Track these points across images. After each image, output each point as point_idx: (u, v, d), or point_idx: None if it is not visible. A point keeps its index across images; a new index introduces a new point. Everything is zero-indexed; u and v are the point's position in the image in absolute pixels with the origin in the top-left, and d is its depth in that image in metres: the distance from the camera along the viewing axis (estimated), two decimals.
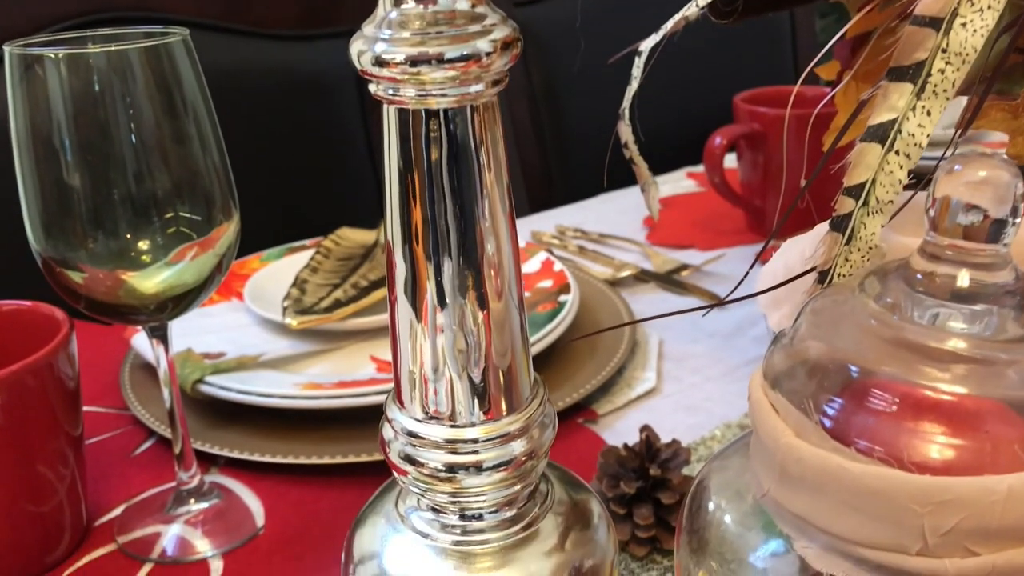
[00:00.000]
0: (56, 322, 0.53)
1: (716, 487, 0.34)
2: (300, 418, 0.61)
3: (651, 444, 0.52)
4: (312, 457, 0.58)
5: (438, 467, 0.31)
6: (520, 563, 0.32)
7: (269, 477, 0.58)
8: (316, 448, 0.58)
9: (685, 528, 0.34)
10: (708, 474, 0.35)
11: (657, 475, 0.50)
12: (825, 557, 0.26)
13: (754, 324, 0.76)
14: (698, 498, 0.34)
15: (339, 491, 0.57)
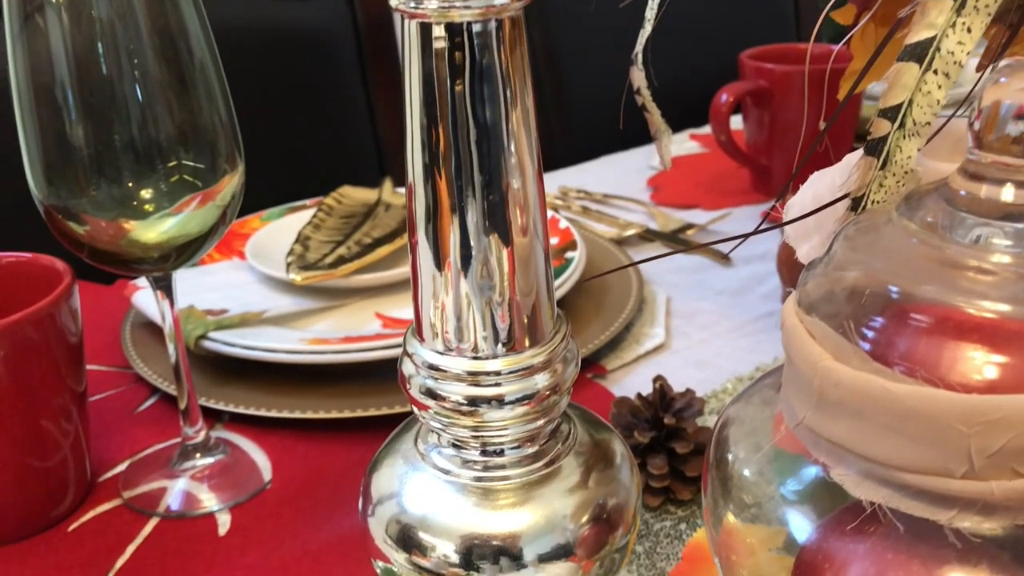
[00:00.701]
0: (57, 273, 0.52)
1: (735, 438, 0.33)
2: (305, 374, 0.60)
3: (665, 394, 0.51)
4: (319, 412, 0.57)
5: (460, 400, 0.30)
6: (542, 500, 0.31)
7: (275, 432, 0.58)
8: (323, 403, 0.58)
9: (710, 476, 0.34)
10: (727, 423, 0.34)
11: (672, 424, 0.49)
12: (864, 484, 0.26)
13: (762, 282, 0.75)
14: (720, 448, 0.34)
15: (346, 446, 0.56)
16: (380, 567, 0.33)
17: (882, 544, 0.26)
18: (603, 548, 0.32)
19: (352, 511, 0.51)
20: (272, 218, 0.79)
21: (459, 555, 0.31)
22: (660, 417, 0.49)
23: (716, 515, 0.33)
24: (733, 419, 0.34)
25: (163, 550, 0.49)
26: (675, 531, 0.48)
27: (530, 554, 0.31)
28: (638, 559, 0.46)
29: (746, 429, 0.34)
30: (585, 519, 0.31)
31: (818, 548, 0.27)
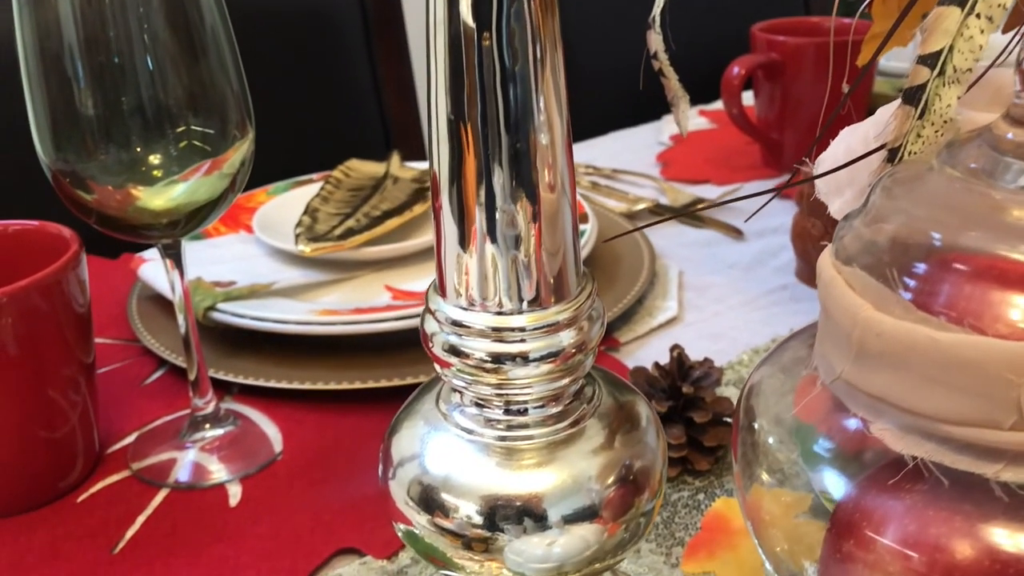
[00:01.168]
0: (64, 241, 0.51)
1: (761, 404, 0.33)
2: (315, 346, 0.60)
3: (683, 362, 0.50)
4: (330, 383, 0.56)
5: (483, 358, 0.29)
6: (566, 461, 0.30)
7: (286, 404, 0.57)
8: (333, 374, 0.57)
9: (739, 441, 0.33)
10: (754, 388, 0.33)
11: (690, 393, 0.48)
12: (905, 438, 0.25)
13: (775, 256, 0.74)
14: (748, 414, 0.33)
15: (358, 417, 0.56)
16: (402, 530, 0.32)
17: (923, 500, 0.25)
18: (629, 511, 0.31)
19: (365, 481, 0.50)
20: (279, 192, 0.78)
21: (482, 516, 0.30)
22: (678, 386, 0.49)
23: (746, 479, 0.32)
24: (759, 383, 0.34)
25: (173, 521, 0.48)
26: (693, 501, 0.47)
27: (555, 515, 0.30)
28: (656, 529, 0.46)
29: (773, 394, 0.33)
30: (611, 480, 0.31)
31: (855, 506, 0.27)
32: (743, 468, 0.32)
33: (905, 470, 0.25)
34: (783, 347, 0.35)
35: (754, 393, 0.32)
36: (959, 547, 0.24)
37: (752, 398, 0.32)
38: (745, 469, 0.32)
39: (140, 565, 0.45)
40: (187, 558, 0.45)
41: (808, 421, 0.31)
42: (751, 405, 0.32)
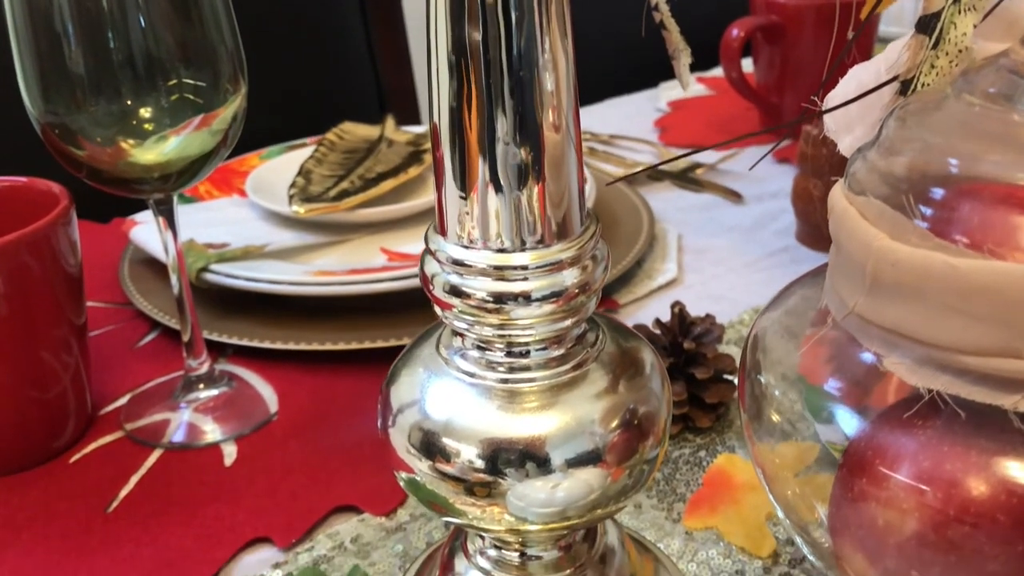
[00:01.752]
0: (54, 197, 0.50)
1: (767, 351, 0.32)
2: (310, 307, 0.59)
3: (684, 318, 0.49)
4: (325, 343, 0.55)
5: (485, 297, 0.28)
6: (569, 404, 0.30)
7: (280, 365, 0.56)
8: (328, 335, 0.56)
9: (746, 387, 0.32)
10: (759, 336, 0.33)
11: (691, 349, 0.48)
12: (920, 371, 0.24)
13: (775, 219, 0.73)
14: (752, 361, 0.32)
15: (353, 378, 0.55)
16: (403, 478, 0.31)
17: (937, 436, 0.25)
18: (633, 456, 0.30)
19: (362, 441, 0.49)
20: (272, 156, 0.77)
21: (484, 460, 0.29)
22: (679, 342, 0.48)
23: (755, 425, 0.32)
24: (765, 328, 0.33)
25: (168, 480, 0.47)
26: (695, 458, 0.47)
27: (557, 458, 0.29)
28: (657, 485, 0.45)
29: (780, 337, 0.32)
30: (615, 424, 0.30)
31: (868, 444, 0.26)
32: (752, 415, 0.31)
33: (919, 405, 0.24)
34: (787, 293, 0.34)
35: (760, 338, 0.31)
36: (975, 482, 0.24)
37: (758, 343, 0.32)
38: (753, 417, 0.32)
39: (135, 523, 0.44)
40: (182, 517, 0.45)
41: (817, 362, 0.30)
42: (757, 351, 0.32)
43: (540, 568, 0.33)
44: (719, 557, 0.41)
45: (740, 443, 0.47)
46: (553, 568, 0.33)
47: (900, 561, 0.24)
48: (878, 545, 0.25)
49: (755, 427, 0.30)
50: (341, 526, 0.43)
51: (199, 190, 0.73)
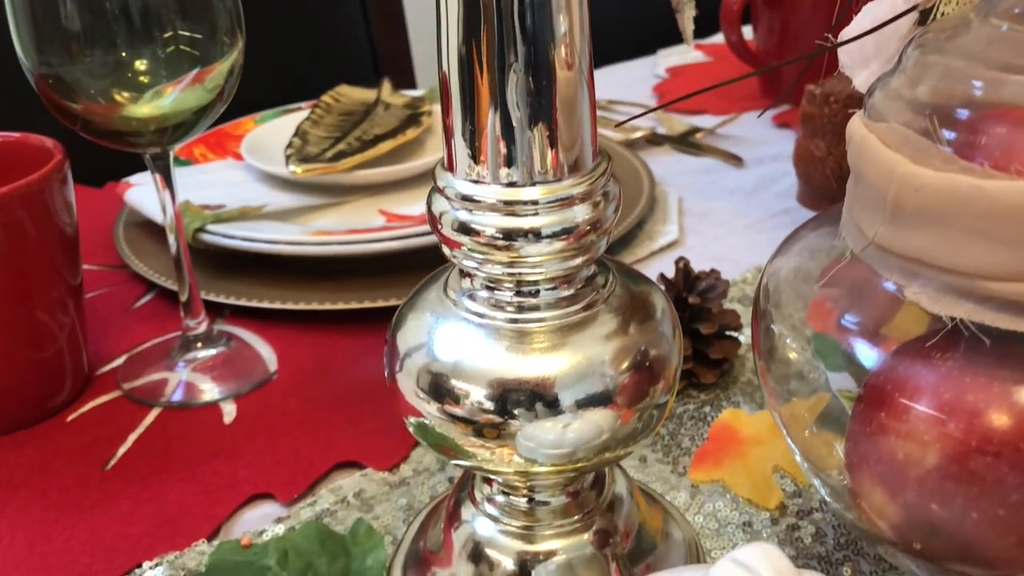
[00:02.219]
0: (47, 152, 0.49)
1: (778, 308, 0.31)
2: (308, 269, 0.58)
3: (689, 273, 0.49)
4: (325, 303, 0.55)
5: (494, 234, 0.28)
6: (578, 345, 0.29)
7: (279, 325, 0.55)
8: (328, 295, 0.55)
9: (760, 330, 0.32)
10: (770, 279, 0.32)
11: (696, 304, 0.47)
12: (942, 300, 0.24)
13: (776, 182, 0.73)
14: (764, 306, 0.32)
15: (353, 337, 0.54)
16: (412, 423, 0.31)
17: (958, 367, 0.24)
18: (643, 399, 0.30)
19: (364, 398, 0.49)
20: (266, 119, 0.76)
21: (493, 401, 0.29)
22: (684, 297, 0.47)
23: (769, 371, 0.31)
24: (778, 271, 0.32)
25: (167, 438, 0.47)
26: (699, 414, 0.46)
27: (567, 399, 0.29)
28: (661, 440, 0.45)
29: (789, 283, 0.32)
30: (625, 366, 0.29)
31: (887, 377, 0.25)
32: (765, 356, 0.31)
33: (940, 335, 0.24)
34: (795, 237, 0.33)
35: (772, 279, 0.31)
36: (997, 412, 0.23)
37: (770, 286, 0.31)
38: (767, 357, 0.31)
39: (133, 480, 0.44)
40: (182, 474, 0.44)
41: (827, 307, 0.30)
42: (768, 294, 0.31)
43: (548, 514, 0.33)
44: (726, 509, 0.40)
45: (745, 399, 0.47)
46: (561, 514, 0.33)
47: (920, 494, 0.24)
48: (898, 479, 0.24)
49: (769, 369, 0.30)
50: (344, 481, 0.43)
51: (193, 153, 0.72)
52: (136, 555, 0.39)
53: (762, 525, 0.39)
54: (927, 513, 0.24)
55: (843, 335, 0.27)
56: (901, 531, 0.25)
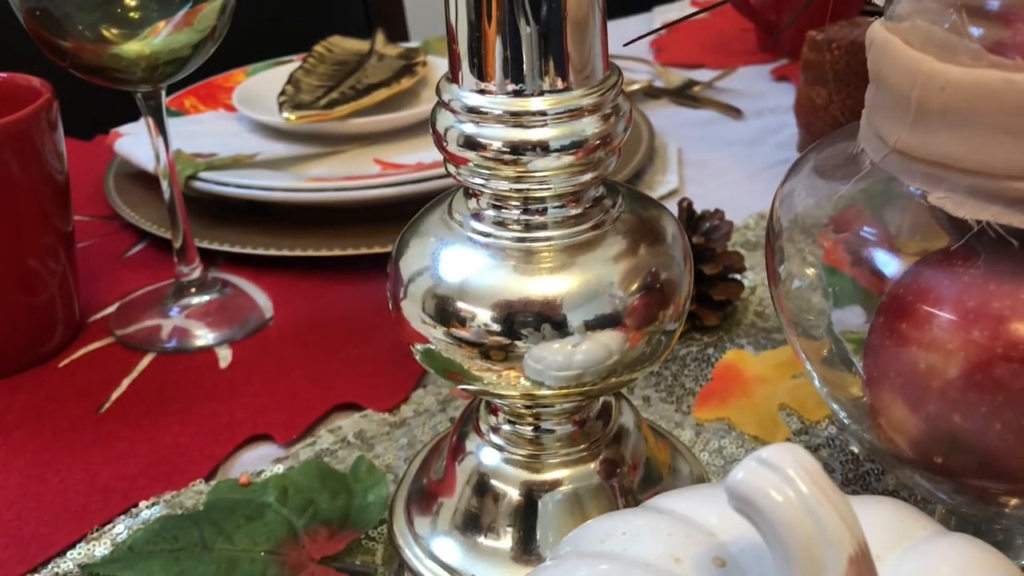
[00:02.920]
0: (35, 91, 0.48)
1: (791, 242, 0.31)
2: (302, 216, 0.57)
3: (692, 213, 0.48)
4: (321, 250, 0.54)
5: (501, 148, 0.27)
6: (586, 265, 0.28)
7: (274, 273, 0.54)
8: (324, 242, 0.54)
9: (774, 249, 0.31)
10: (783, 201, 0.31)
11: (700, 243, 0.46)
12: (968, 203, 0.23)
13: (775, 133, 0.72)
14: (778, 228, 0.31)
15: (349, 284, 0.53)
16: (418, 351, 0.30)
17: (982, 275, 0.23)
18: (652, 323, 0.29)
19: (362, 342, 0.48)
20: (257, 71, 0.75)
21: (500, 322, 0.28)
22: (688, 238, 0.46)
23: (785, 298, 0.30)
24: (788, 195, 0.31)
25: (161, 382, 0.46)
26: (702, 355, 0.46)
27: (575, 320, 0.28)
28: (664, 381, 0.44)
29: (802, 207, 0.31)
30: (635, 287, 0.29)
31: (908, 287, 0.25)
32: (780, 285, 0.30)
33: (962, 242, 0.23)
34: (804, 159, 0.32)
35: (785, 200, 0.30)
36: (1023, 319, 0.23)
37: (782, 207, 0.30)
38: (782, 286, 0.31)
39: (128, 423, 0.43)
40: (177, 416, 0.43)
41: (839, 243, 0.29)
42: (780, 215, 0.30)
43: (554, 442, 0.32)
44: (731, 446, 0.40)
45: (749, 340, 0.46)
46: (567, 443, 0.32)
47: (942, 406, 0.23)
48: (920, 390, 0.24)
49: (785, 295, 0.29)
50: (343, 422, 0.42)
51: (184, 104, 0.70)
52: (132, 495, 0.39)
53: None
54: (949, 425, 0.23)
55: (861, 246, 0.27)
56: (921, 446, 0.25)
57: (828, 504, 0.18)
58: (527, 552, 0.31)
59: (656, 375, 0.44)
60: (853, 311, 0.30)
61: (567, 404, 0.31)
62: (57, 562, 0.36)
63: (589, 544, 0.23)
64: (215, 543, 0.35)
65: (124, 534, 0.37)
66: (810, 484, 0.18)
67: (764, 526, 0.19)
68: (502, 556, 0.32)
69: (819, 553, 0.18)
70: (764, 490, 0.18)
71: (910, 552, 0.22)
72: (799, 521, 0.18)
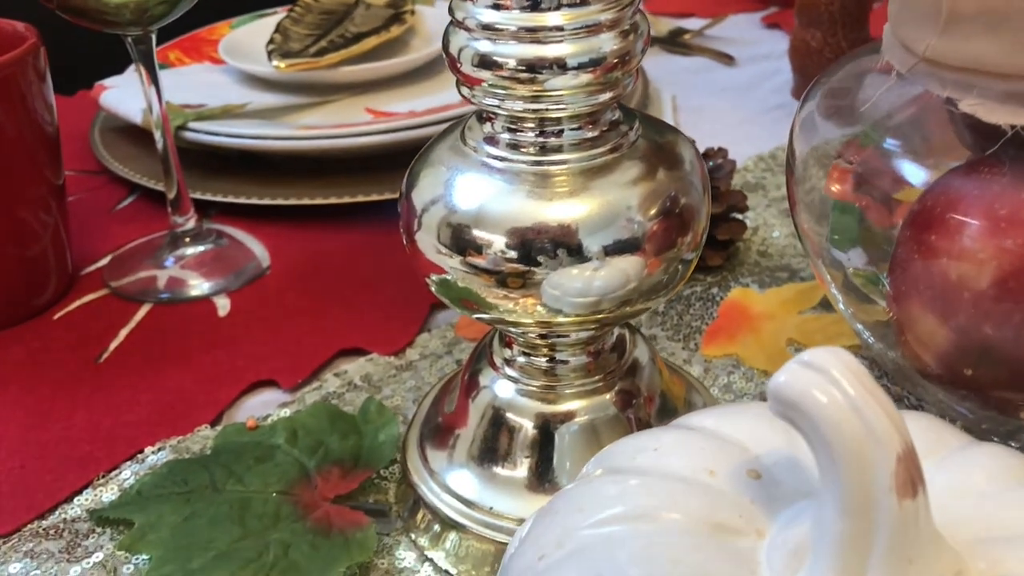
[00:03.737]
0: (20, 37, 0.47)
1: (812, 164, 0.30)
2: (294, 165, 0.56)
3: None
4: (316, 198, 0.53)
5: (517, 65, 0.26)
6: (603, 190, 0.28)
7: (269, 223, 0.54)
8: (319, 191, 0.54)
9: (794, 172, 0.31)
10: (798, 142, 0.31)
11: None
12: (1001, 109, 0.22)
13: (769, 79, 0.71)
14: (798, 168, 0.30)
15: (346, 232, 0.53)
16: (434, 282, 0.30)
17: (1012, 183, 0.23)
18: (671, 249, 0.29)
19: (363, 288, 0.47)
20: (242, 23, 0.73)
21: (516, 249, 0.27)
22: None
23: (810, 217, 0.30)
24: (808, 117, 0.31)
25: (160, 332, 0.45)
26: (707, 295, 0.45)
27: (594, 245, 0.27)
28: (670, 320, 0.44)
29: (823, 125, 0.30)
30: (654, 212, 0.28)
31: (936, 199, 0.24)
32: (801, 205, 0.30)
33: (995, 148, 0.23)
34: (818, 83, 0.32)
35: (805, 123, 0.30)
36: None
37: (802, 130, 0.30)
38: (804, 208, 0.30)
39: (129, 372, 0.42)
40: (179, 364, 0.43)
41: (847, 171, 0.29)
42: (799, 144, 0.30)
43: (569, 372, 0.32)
44: (741, 381, 0.40)
45: (754, 278, 0.46)
46: (582, 373, 0.32)
47: (974, 316, 0.23)
48: (950, 302, 0.24)
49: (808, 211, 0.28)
50: (348, 366, 0.42)
51: (169, 58, 0.69)
52: (138, 441, 0.38)
53: None
54: (980, 336, 0.23)
55: (885, 161, 0.26)
56: (950, 359, 0.24)
57: (875, 404, 0.18)
58: (544, 482, 0.31)
59: (661, 314, 0.44)
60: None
61: (582, 333, 0.31)
62: (64, 508, 0.35)
63: (621, 461, 0.23)
64: (225, 485, 0.34)
65: (131, 479, 0.36)
66: (856, 384, 0.18)
67: (809, 429, 0.18)
68: (519, 486, 0.31)
69: (867, 453, 0.18)
70: (808, 392, 0.18)
71: (945, 461, 0.22)
72: (846, 421, 0.18)
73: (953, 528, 0.19)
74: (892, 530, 0.18)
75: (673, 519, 0.20)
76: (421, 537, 0.33)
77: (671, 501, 0.21)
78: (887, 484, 0.17)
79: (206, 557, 0.31)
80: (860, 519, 0.18)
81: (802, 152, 0.29)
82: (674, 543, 0.20)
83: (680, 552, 0.19)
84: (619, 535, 0.20)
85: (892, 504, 0.17)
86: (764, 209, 0.52)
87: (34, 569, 0.32)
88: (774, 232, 0.49)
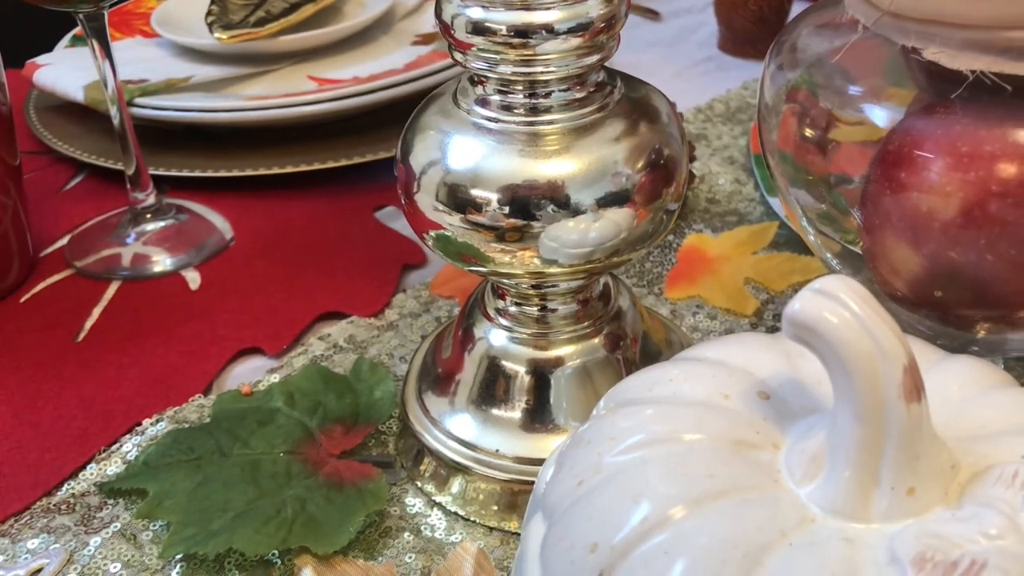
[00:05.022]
0: None
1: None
2: (241, 137, 0.56)
3: None
4: (272, 168, 0.54)
5: (509, 31, 0.28)
6: (592, 147, 0.30)
7: (227, 195, 0.54)
8: (276, 160, 0.54)
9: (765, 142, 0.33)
10: (768, 91, 0.33)
11: None
12: (962, 56, 0.25)
13: (695, 32, 0.74)
14: (769, 119, 0.32)
15: (306, 200, 0.53)
16: (431, 237, 0.31)
17: (972, 122, 0.26)
18: (658, 199, 0.31)
19: (332, 253, 0.48)
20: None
21: (512, 204, 0.29)
22: None
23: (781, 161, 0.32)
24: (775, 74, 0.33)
25: (134, 308, 0.46)
26: (664, 242, 0.48)
27: (587, 199, 0.29)
28: (633, 268, 0.46)
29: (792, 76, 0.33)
30: (640, 164, 0.30)
31: (903, 139, 0.27)
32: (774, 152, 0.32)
33: (958, 92, 0.25)
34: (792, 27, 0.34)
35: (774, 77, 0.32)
36: (1013, 159, 0.25)
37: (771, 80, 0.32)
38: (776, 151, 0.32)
39: (111, 348, 0.43)
40: (160, 337, 0.43)
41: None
42: (767, 90, 0.32)
43: (559, 320, 0.34)
44: (706, 320, 0.42)
45: (706, 224, 0.49)
46: (573, 320, 0.34)
47: (943, 242, 0.26)
48: (921, 231, 0.26)
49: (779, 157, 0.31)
50: (331, 329, 0.43)
51: None
52: (132, 414, 0.39)
53: (744, 329, 0.41)
54: (948, 260, 0.26)
55: (852, 102, 0.29)
56: (920, 283, 0.27)
57: (881, 322, 0.20)
58: (542, 422, 0.33)
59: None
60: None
61: (572, 283, 0.33)
62: (71, 484, 0.36)
63: (640, 393, 0.25)
64: (232, 449, 0.35)
65: (134, 452, 0.37)
66: (863, 306, 0.20)
67: (823, 348, 0.21)
68: (518, 427, 0.33)
69: (877, 366, 0.20)
70: (821, 315, 0.20)
71: (927, 372, 0.24)
72: (857, 338, 0.20)
73: (940, 430, 0.22)
74: (901, 431, 0.20)
75: (698, 439, 0.23)
76: (427, 484, 0.34)
77: (695, 423, 0.23)
78: (896, 392, 0.20)
79: (226, 518, 0.32)
80: (873, 424, 0.20)
81: (770, 101, 0.32)
82: (704, 460, 0.22)
83: (712, 467, 0.22)
84: (651, 457, 0.23)
85: (901, 408, 0.20)
86: (708, 158, 0.54)
87: (53, 543, 0.33)
88: (720, 180, 0.52)
